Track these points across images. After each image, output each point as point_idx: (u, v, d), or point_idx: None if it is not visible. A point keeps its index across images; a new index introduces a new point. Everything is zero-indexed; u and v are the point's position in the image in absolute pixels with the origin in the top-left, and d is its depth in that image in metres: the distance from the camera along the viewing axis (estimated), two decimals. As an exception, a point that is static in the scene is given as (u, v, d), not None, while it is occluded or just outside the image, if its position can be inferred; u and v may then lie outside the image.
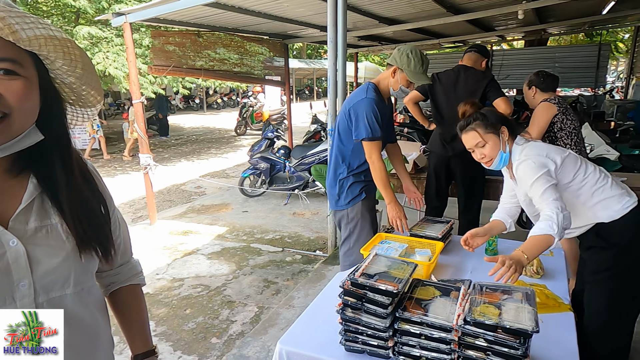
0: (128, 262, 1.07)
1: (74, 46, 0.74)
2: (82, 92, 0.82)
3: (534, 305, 1.32)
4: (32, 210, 0.79)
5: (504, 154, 1.75)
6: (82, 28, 7.76)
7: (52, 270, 0.78)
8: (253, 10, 5.10)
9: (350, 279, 1.44)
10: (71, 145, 0.85)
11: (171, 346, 2.79)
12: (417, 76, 2.34)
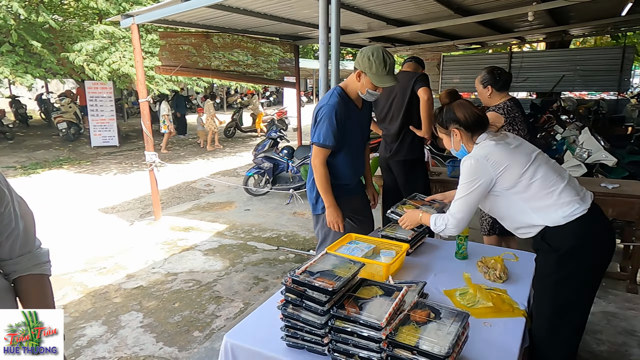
0: (29, 253, 1.12)
1: None
2: None
3: (462, 327, 1.33)
4: None
5: (455, 151, 1.79)
6: (99, 26, 8.03)
7: None
8: (258, 12, 5.17)
9: (292, 276, 1.47)
10: None
11: (154, 337, 2.88)
12: (381, 79, 2.26)
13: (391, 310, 1.36)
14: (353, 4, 4.92)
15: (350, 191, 2.61)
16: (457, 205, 1.77)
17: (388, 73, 2.27)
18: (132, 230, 5.10)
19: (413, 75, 3.33)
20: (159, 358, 2.63)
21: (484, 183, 1.69)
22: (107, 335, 2.93)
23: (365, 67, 2.27)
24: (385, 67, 2.25)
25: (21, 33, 7.87)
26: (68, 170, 8.84)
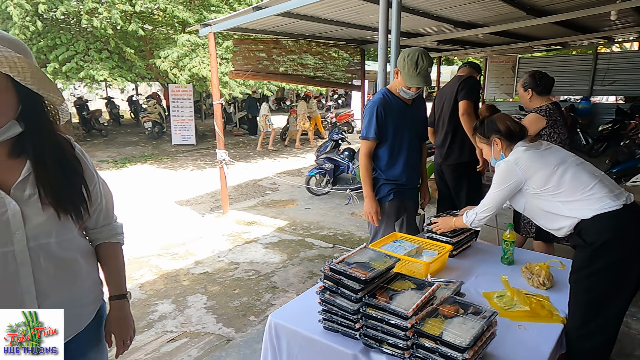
0: (108, 225, 1.38)
1: (22, 61, 1.01)
2: (44, 95, 1.11)
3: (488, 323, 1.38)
4: (28, 182, 1.13)
5: (494, 160, 1.85)
6: (182, 36, 8.78)
7: (39, 225, 1.13)
8: (325, 18, 5.38)
9: (330, 265, 1.61)
10: (51, 135, 1.17)
11: (215, 318, 3.16)
12: (411, 79, 2.43)
13: (419, 302, 1.45)
14: (417, 7, 4.94)
15: (401, 191, 2.68)
16: (486, 199, 1.95)
17: (419, 74, 2.41)
18: (202, 222, 5.54)
19: (459, 79, 3.37)
20: (218, 336, 2.90)
21: (512, 184, 1.83)
22: (175, 312, 3.26)
23: (400, 67, 2.46)
24: (416, 68, 2.39)
25: (117, 41, 8.83)
26: (151, 165, 9.73)
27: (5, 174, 1.12)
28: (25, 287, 1.14)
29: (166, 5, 8.54)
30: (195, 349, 2.71)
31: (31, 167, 1.14)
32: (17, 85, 1.06)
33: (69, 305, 1.24)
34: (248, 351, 2.68)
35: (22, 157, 1.14)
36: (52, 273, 1.18)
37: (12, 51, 1.02)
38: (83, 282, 1.29)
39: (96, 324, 1.35)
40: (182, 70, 8.55)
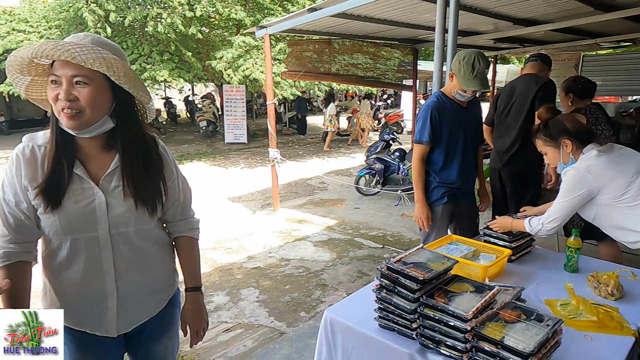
0: (185, 219, 1.47)
1: (117, 62, 1.12)
2: (134, 94, 1.21)
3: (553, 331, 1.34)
4: (115, 174, 1.25)
5: (563, 165, 1.74)
6: (238, 38, 9.07)
7: (120, 215, 1.24)
8: (379, 18, 5.36)
9: (387, 264, 1.63)
10: (139, 131, 1.27)
11: (267, 312, 3.26)
12: (467, 82, 2.37)
13: (479, 305, 1.43)
14: (475, 5, 4.81)
15: (456, 194, 2.64)
16: (554, 208, 1.84)
17: (475, 77, 2.35)
18: (254, 218, 5.71)
19: (536, 82, 3.14)
20: (271, 329, 2.99)
21: (583, 194, 1.72)
22: (230, 304, 3.40)
23: (455, 70, 2.41)
24: (472, 71, 2.33)
25: (177, 44, 9.28)
26: (205, 162, 10.13)
27: (96, 166, 1.24)
28: (106, 270, 1.26)
29: (224, 8, 8.86)
30: (250, 340, 2.82)
31: (119, 161, 1.24)
32: (112, 85, 1.17)
33: (142, 290, 1.35)
34: (301, 345, 2.74)
35: (112, 151, 1.25)
36: (129, 259, 1.29)
37: (110, 53, 1.13)
38: (157, 270, 1.39)
39: (169, 311, 1.45)
40: (236, 70, 8.83)
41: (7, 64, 1.15)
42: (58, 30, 9.53)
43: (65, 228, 1.20)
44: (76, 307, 1.28)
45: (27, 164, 1.19)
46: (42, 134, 1.24)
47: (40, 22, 9.78)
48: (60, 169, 1.18)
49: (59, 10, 9.34)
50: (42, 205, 1.18)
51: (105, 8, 8.34)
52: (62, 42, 1.08)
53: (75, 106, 1.12)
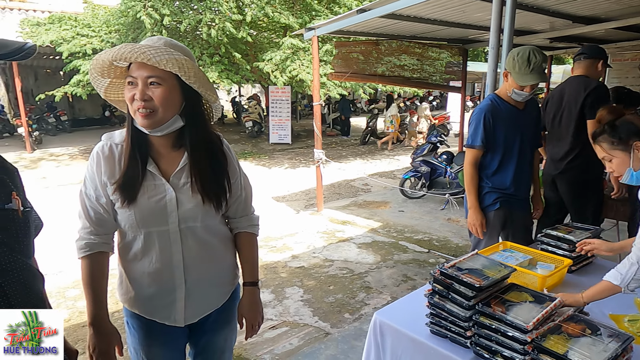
0: (246, 216, 1.51)
1: (188, 63, 1.18)
2: (202, 93, 1.26)
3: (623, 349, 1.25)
4: (184, 171, 1.30)
5: (633, 172, 1.57)
6: (287, 39, 9.21)
7: (189, 210, 1.29)
8: (428, 18, 5.27)
9: (440, 269, 1.59)
10: (206, 130, 1.31)
11: (311, 311, 3.28)
12: (523, 77, 2.27)
13: (540, 316, 1.37)
14: (532, 3, 4.62)
15: (509, 200, 2.54)
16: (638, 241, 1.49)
17: (532, 71, 2.25)
18: (297, 218, 5.77)
19: (585, 87, 2.89)
20: (316, 328, 3.01)
21: None
22: (275, 302, 3.45)
23: (510, 67, 2.32)
24: (528, 65, 2.24)
25: (227, 47, 9.55)
26: (250, 162, 10.35)
27: (166, 163, 1.31)
28: (175, 262, 1.32)
29: (273, 12, 9.02)
30: (296, 338, 2.85)
31: (187, 159, 1.30)
32: (182, 85, 1.23)
33: (208, 283, 1.40)
34: (346, 346, 2.74)
35: (181, 149, 1.31)
36: (197, 253, 1.34)
37: (181, 54, 1.19)
38: (221, 264, 1.44)
39: (230, 304, 1.50)
40: (283, 72, 8.97)
41: (90, 67, 1.25)
42: (117, 35, 10.07)
43: (139, 221, 1.28)
44: (148, 296, 1.36)
45: (106, 161, 1.28)
46: (118, 133, 1.33)
47: (101, 27, 10.38)
48: (135, 165, 1.26)
49: (119, 15, 9.87)
50: (119, 199, 1.26)
51: (161, 12, 8.73)
52: (139, 45, 1.15)
53: (149, 105, 1.19)
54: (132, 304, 1.40)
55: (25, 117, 10.96)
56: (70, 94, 9.72)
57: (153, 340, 1.43)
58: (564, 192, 3.19)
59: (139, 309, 1.39)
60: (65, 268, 3.91)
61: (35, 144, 11.58)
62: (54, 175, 8.81)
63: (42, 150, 11.38)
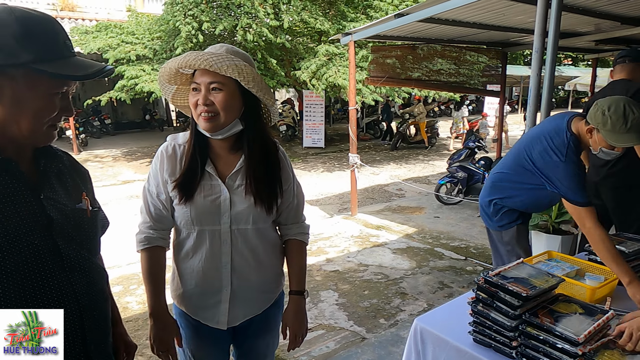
0: (297, 223, 1.53)
1: (247, 69, 1.23)
2: (260, 97, 1.31)
3: None
4: (240, 174, 1.35)
5: None
6: (322, 46, 9.29)
7: (241, 211, 1.33)
8: (467, 22, 5.19)
9: (485, 277, 1.57)
10: (263, 134, 1.36)
11: (346, 315, 3.29)
12: (618, 137, 1.86)
13: (592, 329, 1.32)
14: (578, 5, 4.46)
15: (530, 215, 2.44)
16: None
17: (629, 130, 1.84)
18: (331, 222, 5.79)
19: (627, 90, 2.71)
20: (352, 333, 3.01)
21: None
22: (310, 305, 3.47)
23: (599, 122, 1.90)
24: (625, 123, 1.84)
25: (263, 52, 9.73)
26: (284, 165, 10.47)
27: (224, 165, 1.37)
28: (224, 262, 1.36)
29: (309, 18, 9.13)
30: (332, 342, 2.86)
31: (244, 162, 1.35)
32: (242, 90, 1.28)
33: (253, 287, 1.43)
34: (383, 352, 2.73)
35: (238, 152, 1.37)
36: (245, 256, 1.38)
37: (241, 60, 1.25)
38: (268, 270, 1.46)
39: (273, 312, 1.52)
40: (320, 79, 9.04)
41: (158, 75, 1.34)
42: (159, 41, 10.46)
43: (194, 219, 1.34)
44: (195, 295, 1.41)
45: (168, 160, 1.37)
46: (182, 135, 1.41)
47: (144, 34, 10.81)
48: (195, 165, 1.33)
49: (160, 23, 10.27)
50: (177, 196, 1.33)
51: (200, 20, 9.01)
52: (202, 53, 1.23)
53: (211, 109, 1.25)
54: (180, 301, 1.45)
55: (73, 121, 11.55)
56: (114, 98, 10.16)
57: (198, 340, 1.47)
58: (607, 199, 3.06)
59: (186, 307, 1.44)
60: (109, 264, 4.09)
61: (82, 146, 12.18)
62: (98, 176, 9.22)
63: (88, 152, 11.95)
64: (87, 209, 1.04)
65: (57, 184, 1.00)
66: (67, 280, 0.95)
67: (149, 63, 9.99)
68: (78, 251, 0.99)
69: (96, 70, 0.95)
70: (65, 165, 1.06)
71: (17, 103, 0.88)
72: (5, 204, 0.87)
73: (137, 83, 9.29)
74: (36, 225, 0.90)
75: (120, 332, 1.25)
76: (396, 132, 12.86)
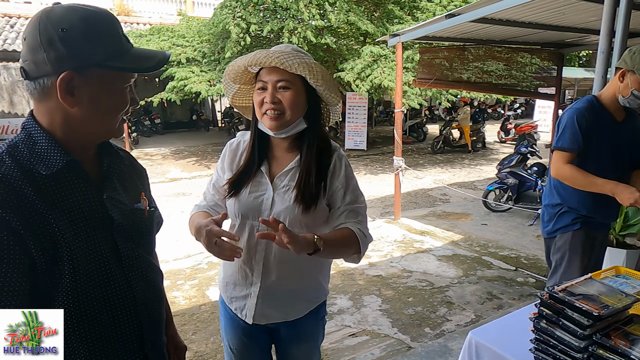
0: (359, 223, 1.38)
1: (317, 66, 1.22)
2: (327, 96, 1.30)
3: None
4: (289, 174, 1.34)
5: None
6: (367, 47, 9.23)
7: (280, 212, 1.30)
8: (523, 21, 4.98)
9: (550, 292, 1.47)
10: (321, 135, 1.34)
11: (390, 322, 3.22)
12: None
13: (675, 356, 1.21)
14: (648, 3, 4.15)
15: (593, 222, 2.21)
16: None
17: None
18: (374, 226, 5.71)
19: None
20: (398, 341, 2.94)
21: None
22: (352, 309, 3.43)
23: (635, 64, 1.96)
24: None
25: (307, 54, 9.81)
26: (326, 167, 10.48)
27: (276, 165, 1.37)
28: (257, 259, 1.35)
29: (354, 19, 9.09)
30: (377, 349, 2.81)
31: (297, 163, 1.34)
32: (308, 89, 1.28)
33: (283, 290, 1.38)
34: (429, 363, 2.65)
35: (294, 152, 1.36)
36: (279, 257, 1.34)
37: (311, 57, 1.24)
38: (303, 276, 1.40)
39: (310, 321, 1.46)
40: (364, 80, 8.98)
41: (225, 73, 1.36)
42: (208, 44, 10.78)
43: (237, 211, 1.36)
44: (230, 284, 1.44)
45: (231, 152, 1.43)
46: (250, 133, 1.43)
47: (194, 37, 11.18)
48: (252, 165, 1.36)
49: (209, 27, 10.58)
50: (227, 191, 1.37)
51: (248, 21, 9.20)
52: (272, 51, 1.23)
53: (278, 107, 1.26)
54: (221, 287, 1.50)
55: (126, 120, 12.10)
56: (165, 99, 10.56)
57: (234, 330, 1.48)
58: None
59: (223, 294, 1.48)
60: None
61: (133, 144, 12.75)
62: (149, 173, 9.60)
63: (139, 150, 12.49)
64: (144, 208, 1.05)
65: (118, 183, 1.01)
66: (125, 279, 0.96)
67: (198, 65, 10.31)
68: (135, 250, 1.00)
69: (160, 60, 0.95)
70: (125, 164, 1.07)
71: (94, 103, 0.89)
72: (72, 203, 0.88)
73: (186, 84, 9.60)
74: (98, 225, 0.92)
75: (172, 333, 1.25)
76: (439, 134, 12.55)
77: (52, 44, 0.82)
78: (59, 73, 0.83)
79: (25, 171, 0.84)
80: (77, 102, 0.86)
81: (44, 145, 0.87)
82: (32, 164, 0.85)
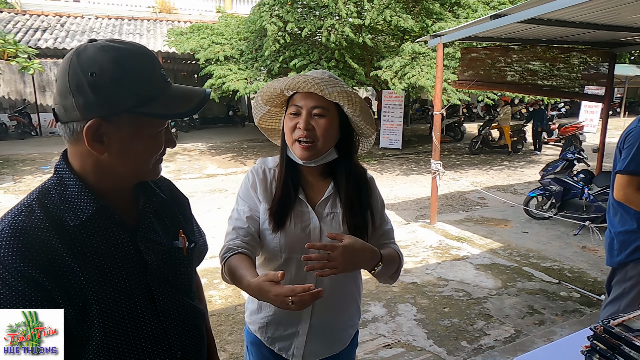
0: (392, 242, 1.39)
1: (355, 96, 1.18)
2: (362, 127, 1.28)
3: None
4: (329, 201, 1.31)
5: None
6: (407, 45, 9.06)
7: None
8: (573, 21, 4.74)
9: (604, 325, 1.39)
10: (354, 162, 1.31)
11: (425, 333, 3.17)
12: None
13: None
14: None
15: None
16: None
17: None
18: (408, 229, 5.63)
19: None
20: (434, 355, 2.89)
21: None
22: (387, 317, 3.40)
23: None
24: None
25: (343, 52, 9.73)
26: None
27: (313, 192, 1.34)
28: None
29: (392, 16, 8.94)
30: (412, 363, 2.77)
31: (333, 189, 1.32)
32: (341, 117, 1.26)
33: (333, 324, 1.36)
34: (467, 381, 2.59)
35: (327, 178, 1.33)
36: (329, 290, 1.23)
37: (347, 86, 1.22)
38: (349, 303, 1.38)
39: (350, 352, 1.44)
40: (402, 79, 8.83)
41: (259, 93, 1.31)
42: (246, 42, 10.90)
43: (283, 246, 1.28)
44: (272, 324, 1.34)
45: (260, 183, 1.32)
46: (271, 159, 1.38)
47: (232, 35, 11.33)
48: (288, 193, 1.29)
49: (248, 25, 10.69)
50: (270, 225, 1.28)
51: (285, 19, 9.22)
52: (311, 77, 1.18)
53: (310, 135, 1.21)
54: (256, 327, 1.38)
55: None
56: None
57: None
58: None
59: (260, 335, 1.37)
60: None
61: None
62: (186, 169, 9.89)
63: (178, 145, 12.63)
64: (183, 247, 1.00)
65: (155, 221, 0.97)
66: (159, 326, 0.92)
67: (236, 63, 10.45)
68: (172, 294, 0.96)
69: (198, 103, 0.91)
70: (163, 198, 1.00)
71: (124, 148, 0.84)
72: (102, 252, 0.85)
73: (224, 82, 9.76)
74: (132, 271, 0.88)
75: None
76: (477, 134, 12.18)
77: (81, 89, 0.78)
78: (87, 120, 0.79)
79: (54, 222, 0.81)
80: (107, 148, 0.83)
81: (74, 190, 0.84)
82: (62, 212, 0.82)
